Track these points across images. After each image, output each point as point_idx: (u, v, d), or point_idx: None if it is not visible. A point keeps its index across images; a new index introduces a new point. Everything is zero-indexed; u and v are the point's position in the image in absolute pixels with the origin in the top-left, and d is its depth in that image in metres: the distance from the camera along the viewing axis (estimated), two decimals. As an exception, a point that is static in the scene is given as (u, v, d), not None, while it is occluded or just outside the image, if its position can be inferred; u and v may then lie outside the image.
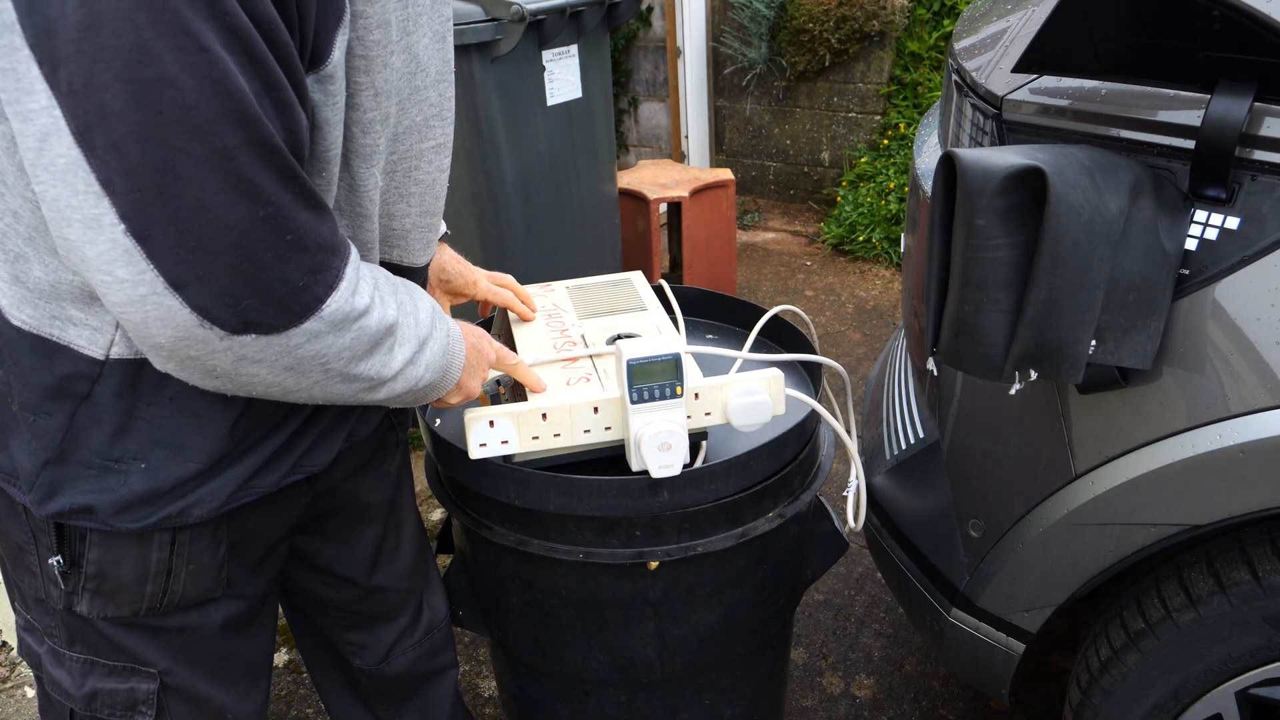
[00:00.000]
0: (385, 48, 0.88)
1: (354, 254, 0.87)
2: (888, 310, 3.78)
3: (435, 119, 1.01)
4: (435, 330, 1.01)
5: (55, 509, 0.93)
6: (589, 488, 1.18)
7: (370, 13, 0.84)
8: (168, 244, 0.74)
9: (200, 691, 1.10)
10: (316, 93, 0.83)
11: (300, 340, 0.84)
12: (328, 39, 0.81)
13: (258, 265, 0.78)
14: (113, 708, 1.07)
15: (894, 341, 1.97)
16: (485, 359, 1.14)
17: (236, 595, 1.09)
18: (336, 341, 0.86)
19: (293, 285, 0.80)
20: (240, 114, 0.73)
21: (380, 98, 0.90)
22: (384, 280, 0.94)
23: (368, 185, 0.95)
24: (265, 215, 0.76)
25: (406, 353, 0.95)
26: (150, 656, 1.05)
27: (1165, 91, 1.10)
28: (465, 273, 1.37)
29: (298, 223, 0.79)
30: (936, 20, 4.21)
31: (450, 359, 1.04)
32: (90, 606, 1.00)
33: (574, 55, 2.82)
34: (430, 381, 1.01)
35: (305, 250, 0.80)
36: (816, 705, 2.01)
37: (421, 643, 1.40)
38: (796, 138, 4.75)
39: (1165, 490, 1.14)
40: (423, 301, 1.00)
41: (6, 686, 2.19)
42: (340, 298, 0.84)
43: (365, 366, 0.91)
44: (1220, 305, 1.07)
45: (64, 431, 0.90)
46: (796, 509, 1.31)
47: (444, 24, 0.98)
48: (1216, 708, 1.23)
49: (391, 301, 0.92)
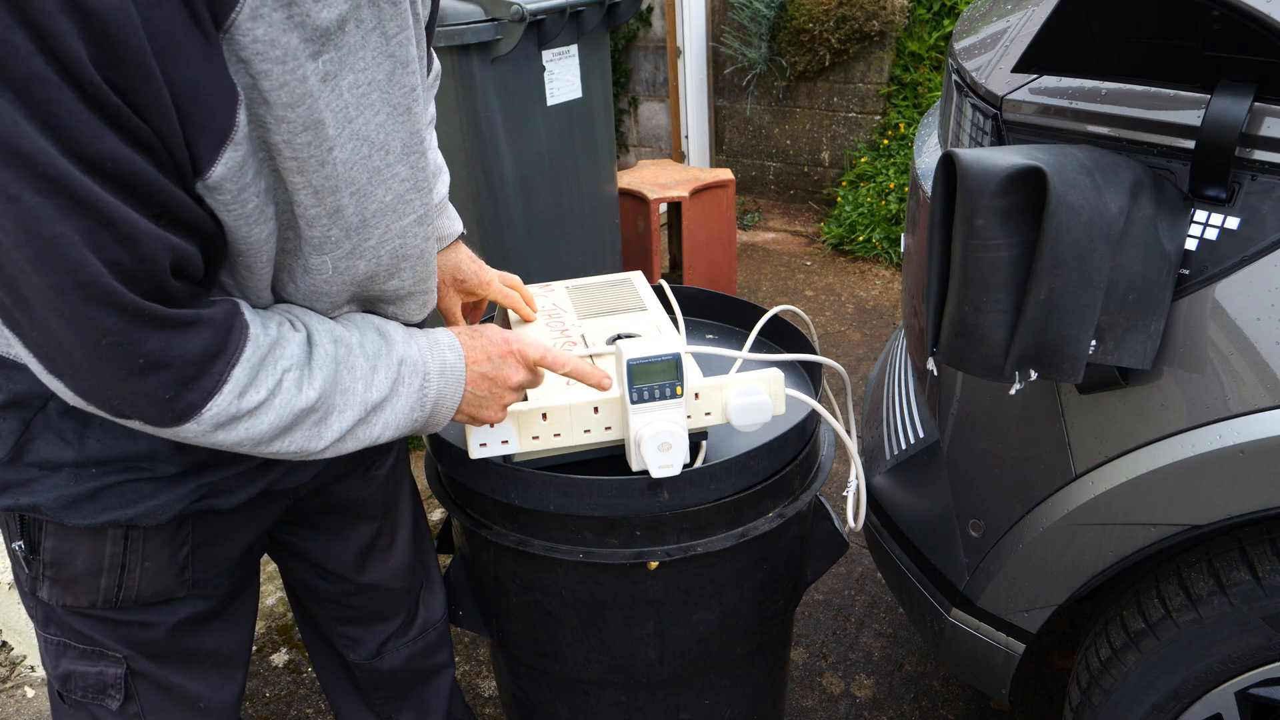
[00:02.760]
0: (320, 147, 0.84)
1: (245, 354, 0.85)
2: (888, 310, 3.78)
3: (410, 193, 0.97)
4: (401, 388, 0.99)
5: (6, 504, 0.96)
6: (589, 488, 1.18)
7: (293, 117, 0.81)
8: (34, 341, 0.78)
9: (169, 680, 1.11)
10: (209, 199, 0.82)
11: (189, 436, 0.86)
12: (206, 156, 0.78)
13: (115, 380, 0.79)
14: (85, 690, 1.08)
15: (894, 341, 1.97)
16: (507, 384, 1.08)
17: (203, 595, 1.10)
18: (229, 435, 0.87)
19: (159, 397, 0.81)
20: (59, 258, 0.72)
21: (322, 194, 0.87)
22: (308, 359, 0.92)
23: (323, 270, 0.94)
24: (108, 343, 0.76)
25: (345, 422, 0.94)
26: (113, 645, 1.07)
27: (1165, 91, 1.10)
28: (480, 273, 1.36)
29: (149, 346, 0.78)
30: (936, 20, 4.21)
31: (431, 405, 1.02)
32: (50, 594, 1.03)
33: (574, 55, 2.82)
34: (403, 429, 1.01)
35: (165, 368, 0.80)
36: (816, 705, 2.01)
37: (415, 641, 1.40)
38: (796, 138, 4.75)
39: (1165, 490, 1.14)
40: (384, 360, 0.98)
41: (6, 687, 2.19)
42: (222, 402, 0.84)
43: (284, 444, 0.91)
44: (1220, 305, 1.07)
45: (17, 436, 0.93)
46: (796, 509, 1.30)
47: (407, 95, 0.92)
48: (1216, 708, 1.23)
49: (314, 383, 0.91)
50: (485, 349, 1.07)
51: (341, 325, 0.98)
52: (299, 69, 0.79)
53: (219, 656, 1.15)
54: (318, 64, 0.81)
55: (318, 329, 0.94)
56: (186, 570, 1.05)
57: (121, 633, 1.06)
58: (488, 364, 1.07)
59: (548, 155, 2.84)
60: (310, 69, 0.80)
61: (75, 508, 0.96)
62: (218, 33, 0.74)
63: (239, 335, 0.85)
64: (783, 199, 4.95)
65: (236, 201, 0.82)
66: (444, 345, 1.04)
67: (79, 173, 0.70)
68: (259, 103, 0.79)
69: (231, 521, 1.08)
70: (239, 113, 0.78)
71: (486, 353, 1.07)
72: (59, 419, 0.93)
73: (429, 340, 1.04)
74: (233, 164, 0.79)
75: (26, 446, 0.93)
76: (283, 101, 0.79)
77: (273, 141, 0.82)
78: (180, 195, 0.78)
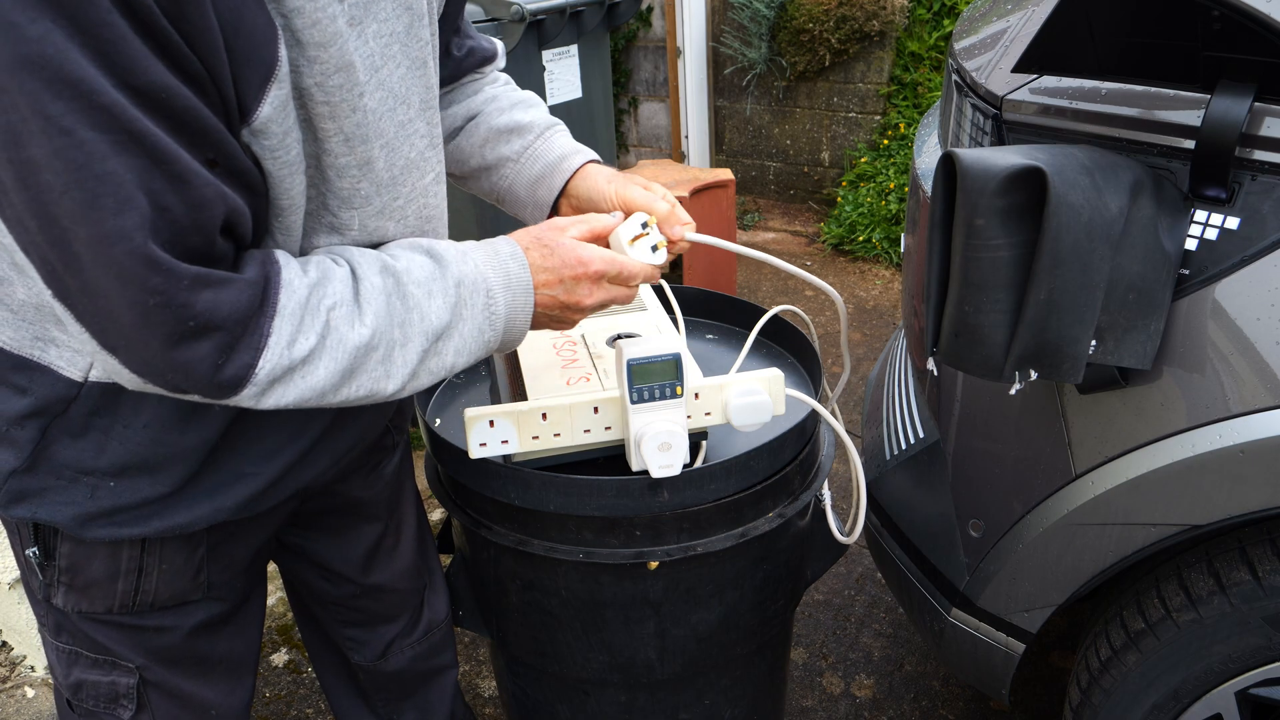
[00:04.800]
0: (351, 90, 0.83)
1: (282, 300, 0.81)
2: (888, 310, 3.78)
3: (429, 150, 0.96)
4: (464, 310, 0.92)
5: (19, 515, 0.94)
6: (589, 488, 1.18)
7: (326, 57, 0.79)
8: (87, 313, 0.75)
9: (182, 688, 1.10)
10: (255, 145, 0.79)
11: (248, 400, 0.82)
12: (252, 94, 0.76)
13: (165, 347, 0.76)
14: (96, 699, 1.07)
15: (894, 341, 1.97)
16: (579, 307, 1.00)
17: (217, 598, 1.09)
18: (289, 392, 0.83)
19: (212, 363, 0.78)
20: (109, 199, 0.68)
21: (353, 142, 0.86)
22: (355, 295, 0.87)
23: (350, 227, 0.92)
24: (155, 304, 0.73)
25: (410, 355, 0.90)
26: (127, 653, 1.05)
27: (1165, 91, 1.10)
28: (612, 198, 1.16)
29: (198, 308, 0.75)
30: (936, 20, 4.21)
31: (503, 323, 0.95)
32: (65, 600, 1.01)
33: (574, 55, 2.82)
34: (478, 352, 0.95)
35: (215, 330, 0.76)
36: (816, 705, 2.01)
37: (420, 642, 1.40)
38: (796, 138, 4.75)
39: (1165, 490, 1.14)
40: (440, 284, 0.91)
41: (6, 686, 2.19)
42: (273, 356, 0.80)
43: (351, 390, 0.87)
44: (1220, 305, 1.07)
45: (34, 444, 0.91)
46: (796, 509, 1.30)
47: (423, 48, 0.91)
48: (1216, 708, 1.23)
49: (364, 318, 0.86)
50: (557, 269, 0.98)
51: (387, 255, 0.92)
52: (328, 7, 0.78)
53: (230, 662, 1.14)
54: (344, 6, 0.81)
55: (361, 262, 0.89)
56: (202, 573, 1.05)
57: (137, 639, 1.04)
58: (559, 287, 0.98)
59: (548, 155, 2.84)
60: (338, 10, 0.80)
61: (92, 524, 0.94)
62: None
63: (274, 285, 0.81)
64: (783, 199, 4.95)
65: (281, 147, 0.80)
66: (505, 255, 0.96)
67: (131, 104, 0.67)
68: (291, 44, 0.78)
69: (243, 522, 1.07)
70: (280, 48, 0.76)
71: (558, 274, 0.98)
72: (79, 428, 0.91)
73: (487, 253, 0.96)
74: (277, 103, 0.78)
75: (44, 454, 0.92)
76: (315, 41, 0.78)
77: (305, 85, 0.80)
78: (230, 140, 0.76)
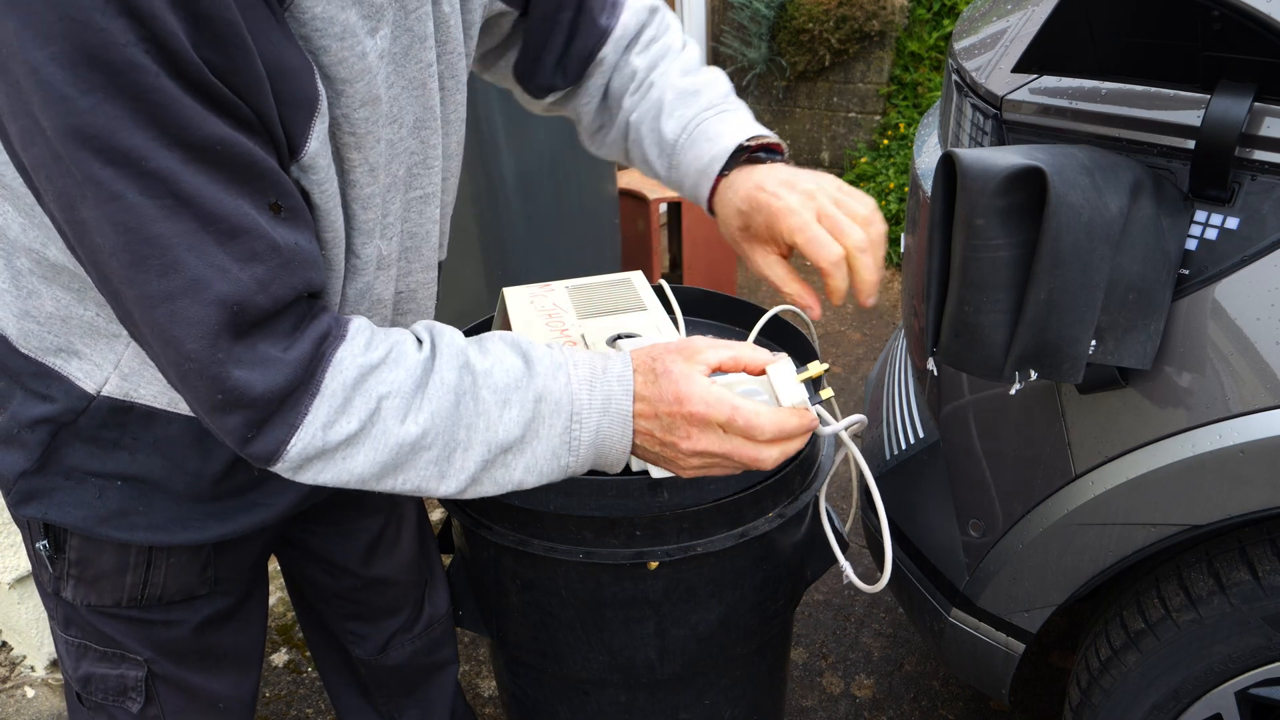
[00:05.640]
0: (376, 123, 0.82)
1: (327, 379, 0.78)
2: (888, 310, 3.78)
3: (419, 168, 0.94)
4: (540, 429, 0.85)
5: (28, 514, 0.96)
6: (589, 488, 1.18)
7: (351, 91, 0.79)
8: (153, 356, 0.78)
9: (189, 681, 1.11)
10: (304, 181, 0.79)
11: (285, 473, 0.82)
12: (299, 131, 0.76)
13: (201, 409, 0.78)
14: (105, 692, 1.08)
15: (894, 341, 1.97)
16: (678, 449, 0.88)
17: (224, 593, 1.10)
18: (323, 473, 0.81)
19: (241, 436, 0.77)
20: (154, 264, 0.69)
21: (377, 171, 0.85)
22: (420, 385, 0.82)
23: (369, 260, 0.90)
24: (190, 369, 0.73)
25: (470, 463, 0.84)
26: (135, 646, 1.06)
27: (1165, 91, 1.10)
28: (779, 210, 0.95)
29: (229, 384, 0.74)
30: (936, 20, 4.21)
31: (586, 449, 0.88)
32: (74, 594, 1.02)
33: (574, 55, 2.82)
34: (553, 475, 0.88)
35: (244, 408, 0.75)
36: (816, 705, 2.01)
37: (421, 636, 1.40)
38: (796, 138, 4.75)
39: (1165, 490, 1.14)
40: (519, 395, 0.84)
41: (6, 686, 2.19)
42: (304, 438, 0.78)
43: (396, 482, 0.83)
44: (1220, 305, 1.07)
45: (44, 447, 0.92)
46: (796, 509, 1.30)
47: (422, 70, 0.89)
48: (1216, 708, 1.23)
49: (419, 414, 0.81)
50: (653, 401, 0.87)
51: (477, 348, 0.87)
52: (358, 45, 0.78)
53: (237, 655, 1.16)
54: (375, 40, 0.80)
55: (445, 351, 0.84)
56: (209, 568, 1.06)
57: (145, 632, 1.05)
58: (655, 421, 0.87)
59: (548, 155, 2.84)
60: (369, 45, 0.79)
61: (103, 524, 0.96)
62: (281, 8, 0.73)
63: (324, 363, 0.78)
64: (783, 199, 4.94)
65: (328, 179, 0.80)
66: (612, 376, 0.88)
67: (184, 164, 0.68)
68: (321, 77, 0.78)
69: None
70: (317, 82, 0.76)
71: (654, 407, 0.87)
72: (88, 436, 0.93)
73: (592, 370, 0.88)
74: (321, 136, 0.78)
75: (53, 456, 0.93)
76: (342, 76, 0.78)
77: (333, 115, 0.80)
78: (288, 180, 0.76)
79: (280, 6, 0.73)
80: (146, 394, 0.91)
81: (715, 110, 1.11)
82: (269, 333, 0.76)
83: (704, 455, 0.88)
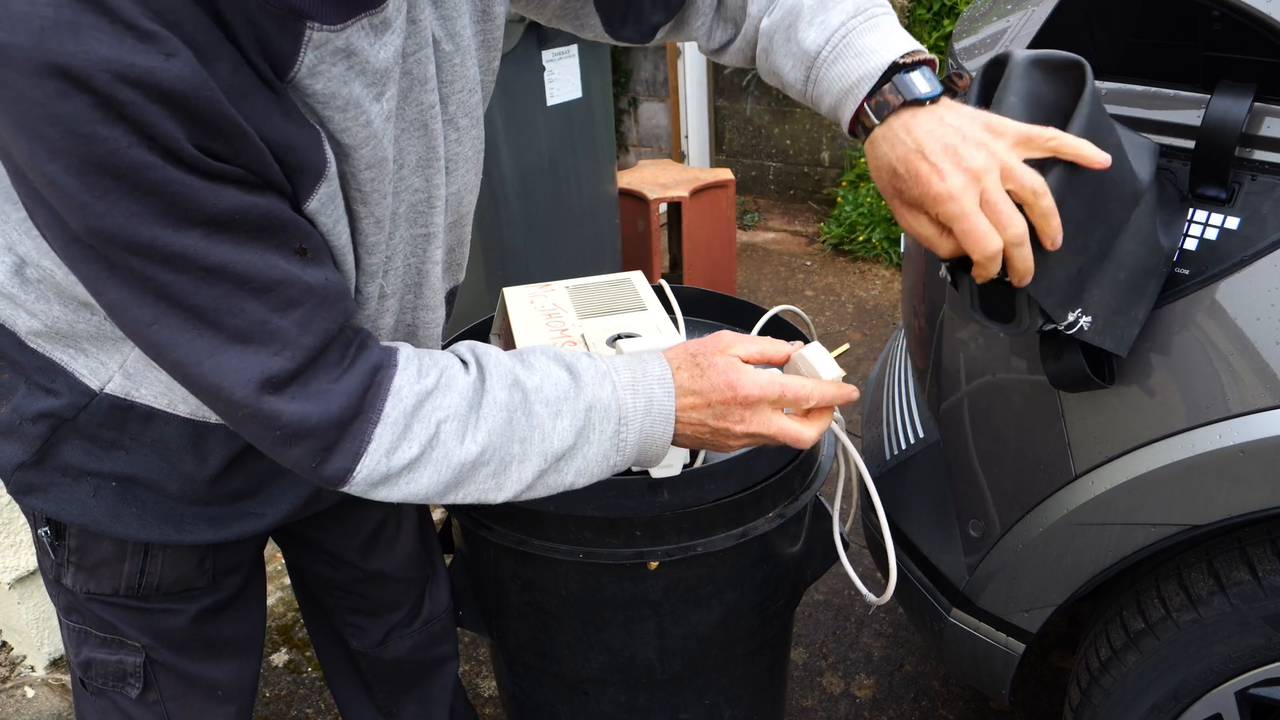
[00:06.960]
0: (383, 181, 0.85)
1: (388, 408, 0.82)
2: (888, 310, 3.78)
3: (423, 206, 0.94)
4: (591, 435, 0.89)
5: (28, 505, 0.99)
6: (589, 488, 1.18)
7: (357, 156, 0.81)
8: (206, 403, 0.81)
9: (188, 669, 1.12)
10: None
11: (357, 494, 0.85)
12: (304, 193, 0.78)
13: (264, 446, 0.81)
14: (105, 677, 1.10)
15: (894, 341, 1.97)
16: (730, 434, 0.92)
17: (222, 585, 1.11)
18: (391, 493, 0.85)
19: (306, 465, 0.81)
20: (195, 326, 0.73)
21: (383, 223, 0.87)
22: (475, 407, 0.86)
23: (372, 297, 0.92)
24: (244, 415, 0.77)
25: (526, 473, 0.88)
26: (134, 634, 1.08)
27: (1165, 91, 1.10)
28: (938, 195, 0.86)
29: (284, 420, 0.77)
30: (936, 20, 4.21)
31: (632, 450, 0.92)
32: (74, 580, 1.04)
33: (574, 55, 2.82)
34: (601, 475, 0.93)
35: (304, 439, 0.79)
36: (816, 705, 2.01)
37: (420, 630, 1.41)
38: (796, 138, 4.75)
39: (1165, 490, 1.14)
40: (570, 405, 0.88)
41: (6, 686, 2.19)
42: (369, 464, 0.82)
43: (458, 496, 0.87)
44: (1220, 305, 1.07)
45: (43, 440, 0.94)
46: (796, 509, 1.30)
47: (424, 112, 0.89)
48: (1216, 708, 1.23)
49: (477, 434, 0.85)
50: (705, 393, 0.91)
51: (523, 365, 0.90)
52: (362, 115, 0.79)
53: (236, 643, 1.17)
54: (381, 104, 0.81)
55: (494, 371, 0.88)
56: (207, 561, 1.07)
57: (143, 620, 1.07)
58: (707, 411, 0.91)
59: (548, 155, 2.84)
60: (375, 111, 0.81)
61: (103, 521, 0.98)
62: (282, 84, 0.74)
63: (382, 392, 0.82)
64: (783, 199, 4.95)
65: (333, 233, 0.82)
66: (653, 378, 0.91)
67: (207, 238, 0.70)
68: (330, 141, 0.79)
69: None
70: (326, 150, 0.78)
71: (706, 398, 0.90)
72: (87, 433, 0.94)
73: (634, 374, 0.91)
74: (325, 197, 0.79)
75: (51, 451, 0.95)
76: (348, 143, 0.80)
77: (341, 173, 0.82)
78: (307, 224, 0.79)
79: (281, 84, 0.74)
80: (148, 394, 0.93)
81: (865, 17, 0.95)
82: (318, 368, 0.79)
83: (753, 436, 0.93)
